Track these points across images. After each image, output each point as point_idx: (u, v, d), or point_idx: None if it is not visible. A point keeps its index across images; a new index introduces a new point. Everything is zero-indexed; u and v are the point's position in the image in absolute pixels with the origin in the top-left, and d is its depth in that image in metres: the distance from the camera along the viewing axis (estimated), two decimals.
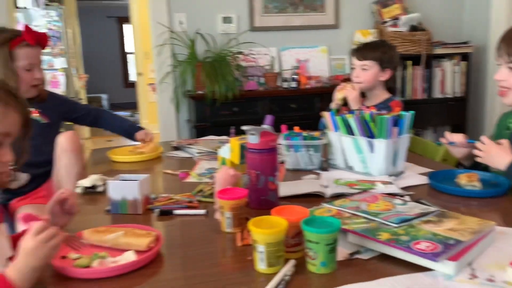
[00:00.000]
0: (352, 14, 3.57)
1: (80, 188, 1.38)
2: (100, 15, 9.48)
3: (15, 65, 1.65)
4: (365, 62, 1.97)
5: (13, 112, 0.83)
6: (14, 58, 1.66)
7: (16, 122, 0.84)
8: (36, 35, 1.70)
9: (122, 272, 0.86)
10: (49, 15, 5.05)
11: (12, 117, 0.83)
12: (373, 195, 1.14)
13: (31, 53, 1.69)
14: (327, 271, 0.84)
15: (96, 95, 9.39)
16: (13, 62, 1.65)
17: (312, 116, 3.21)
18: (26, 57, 1.68)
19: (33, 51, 1.70)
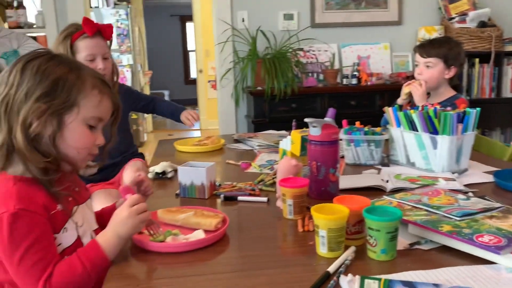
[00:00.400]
0: (416, 10, 3.49)
1: (151, 173, 1.49)
2: (164, 14, 9.84)
3: (77, 57, 1.70)
4: (429, 59, 1.93)
5: (106, 100, 0.92)
6: (75, 51, 1.70)
7: (108, 109, 0.93)
8: (94, 26, 1.71)
9: (192, 248, 0.93)
10: (118, 14, 5.33)
11: (105, 104, 0.92)
12: (435, 189, 1.14)
13: (91, 43, 1.70)
14: (387, 258, 0.86)
15: (159, 91, 9.77)
16: (75, 55, 1.71)
17: (372, 114, 3.18)
18: (85, 48, 1.70)
19: (93, 42, 1.71)
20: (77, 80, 0.87)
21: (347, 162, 1.59)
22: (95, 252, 0.84)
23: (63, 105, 0.85)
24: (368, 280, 0.77)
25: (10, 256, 0.79)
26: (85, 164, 0.95)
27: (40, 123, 0.83)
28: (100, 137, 0.93)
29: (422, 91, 1.91)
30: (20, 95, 0.83)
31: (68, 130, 0.87)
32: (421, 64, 1.97)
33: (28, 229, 0.79)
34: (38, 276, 0.78)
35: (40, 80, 0.83)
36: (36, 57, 0.86)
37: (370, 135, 1.54)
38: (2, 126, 0.83)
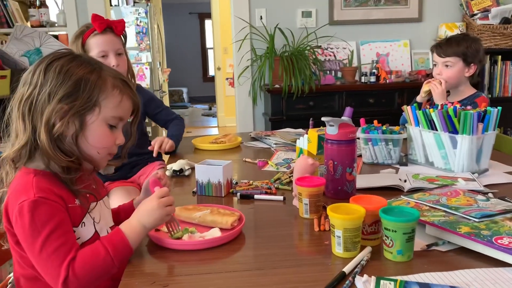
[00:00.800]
0: (437, 7, 3.43)
1: (169, 171, 1.50)
2: (183, 11, 9.91)
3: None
4: (448, 59, 1.90)
5: (127, 99, 0.93)
6: (87, 49, 1.68)
7: (129, 108, 0.95)
8: (103, 22, 1.67)
9: (208, 246, 0.94)
10: (137, 12, 5.38)
11: (126, 103, 0.93)
12: (455, 190, 1.12)
13: (101, 39, 1.67)
14: (403, 259, 0.85)
15: (177, 88, 9.86)
16: (87, 54, 1.67)
17: (391, 112, 3.15)
18: (97, 45, 1.66)
19: (104, 38, 1.67)
20: (98, 81, 0.88)
21: (364, 161, 1.58)
22: (118, 238, 0.85)
23: (85, 106, 0.86)
24: (383, 281, 0.76)
25: (32, 243, 0.80)
26: (106, 163, 0.96)
27: (63, 124, 0.85)
28: (120, 136, 0.94)
29: (442, 90, 1.88)
30: (44, 96, 0.85)
31: (90, 130, 0.88)
32: (439, 64, 1.93)
33: (48, 216, 0.81)
34: (61, 260, 0.79)
35: (63, 81, 0.85)
36: (58, 57, 0.88)
37: (388, 134, 1.53)
38: (27, 126, 0.85)
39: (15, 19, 3.25)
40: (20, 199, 0.81)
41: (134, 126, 1.01)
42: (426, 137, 1.47)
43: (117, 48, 1.71)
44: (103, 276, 0.83)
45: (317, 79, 3.13)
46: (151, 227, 0.90)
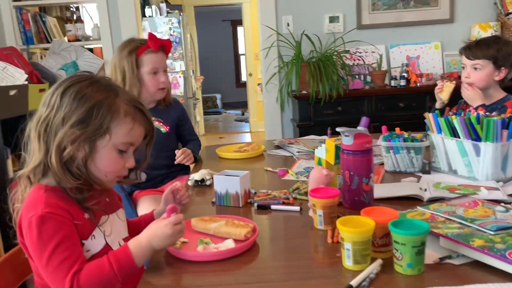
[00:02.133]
0: (469, 7, 3.34)
1: (190, 181, 1.54)
2: (216, 19, 10.05)
3: (141, 71, 1.82)
4: (477, 61, 1.85)
5: (138, 126, 0.97)
6: (140, 64, 1.80)
7: (140, 134, 0.99)
8: (159, 42, 1.82)
9: (221, 257, 0.96)
10: (170, 22, 5.52)
11: (137, 130, 0.97)
12: (473, 200, 1.10)
13: (155, 58, 1.82)
14: (413, 272, 0.85)
15: (211, 95, 10.01)
16: (139, 69, 1.81)
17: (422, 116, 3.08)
18: (150, 62, 1.81)
19: (157, 57, 1.82)
20: (111, 108, 0.92)
21: (386, 170, 1.57)
22: (124, 255, 0.88)
23: (96, 132, 0.90)
24: None
25: (39, 256, 0.85)
26: (113, 185, 1.00)
27: (73, 148, 0.89)
28: (130, 161, 0.98)
29: (473, 93, 1.83)
30: (58, 119, 0.89)
31: (99, 154, 0.92)
32: (468, 67, 1.89)
33: (54, 230, 0.85)
34: (66, 273, 0.83)
35: (77, 107, 0.89)
36: (77, 82, 0.92)
37: (409, 142, 1.51)
38: (41, 146, 0.90)
39: (53, 35, 3.41)
40: (29, 214, 0.86)
41: (149, 149, 1.05)
42: (449, 145, 1.45)
43: (165, 66, 1.88)
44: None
45: (345, 84, 3.11)
46: (159, 249, 0.92)
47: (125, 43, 1.85)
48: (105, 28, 3.37)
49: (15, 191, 0.95)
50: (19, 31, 3.33)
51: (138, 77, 1.81)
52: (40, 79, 2.79)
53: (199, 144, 2.06)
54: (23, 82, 2.45)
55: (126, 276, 0.87)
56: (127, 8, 3.36)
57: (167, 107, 1.96)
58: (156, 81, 1.84)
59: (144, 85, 1.83)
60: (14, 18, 3.31)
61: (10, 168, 2.35)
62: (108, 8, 3.34)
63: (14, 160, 2.40)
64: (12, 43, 3.28)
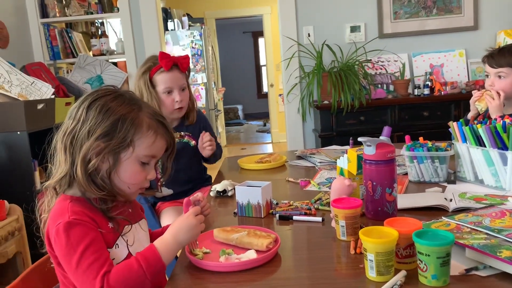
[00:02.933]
0: (494, 13, 3.29)
1: (213, 192, 1.55)
2: (237, 31, 10.16)
3: (157, 90, 1.79)
4: (501, 69, 1.81)
5: (160, 139, 1.00)
6: (154, 84, 1.79)
7: (162, 147, 1.01)
8: (170, 60, 1.78)
9: (243, 268, 0.96)
10: (192, 35, 5.61)
11: (159, 143, 1.00)
12: (500, 210, 1.07)
13: (167, 77, 1.78)
14: (438, 284, 0.83)
15: (232, 106, 10.08)
16: (154, 88, 1.79)
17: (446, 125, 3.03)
18: (163, 82, 1.78)
19: (169, 75, 1.78)
20: (134, 121, 0.95)
21: (410, 180, 1.54)
22: (151, 254, 0.90)
23: (119, 145, 0.93)
24: None
25: (69, 261, 0.87)
26: (136, 196, 1.03)
27: (98, 160, 0.92)
28: (152, 172, 1.01)
29: (499, 103, 1.79)
30: (84, 132, 0.92)
31: (123, 166, 0.95)
32: (492, 75, 1.85)
33: (82, 234, 0.88)
34: (95, 274, 0.85)
35: (102, 120, 0.93)
36: (102, 96, 0.95)
37: (433, 151, 1.48)
38: (67, 158, 0.93)
39: (79, 50, 3.51)
40: (57, 222, 0.89)
41: (170, 161, 1.07)
42: (474, 154, 1.42)
43: (181, 83, 1.82)
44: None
45: (367, 94, 3.10)
46: (186, 243, 0.95)
47: (143, 63, 1.86)
48: (128, 42, 3.45)
49: (41, 202, 0.98)
50: (47, 46, 3.45)
51: (155, 97, 1.79)
52: (66, 93, 2.87)
53: (220, 147, 2.03)
54: (50, 96, 2.53)
55: (154, 274, 0.88)
56: (150, 22, 3.44)
57: (191, 123, 1.94)
58: (170, 100, 1.81)
59: (162, 103, 1.82)
60: (42, 34, 3.43)
61: (38, 180, 2.41)
62: (132, 23, 3.43)
63: (41, 171, 2.46)
64: (39, 58, 3.39)
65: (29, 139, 2.32)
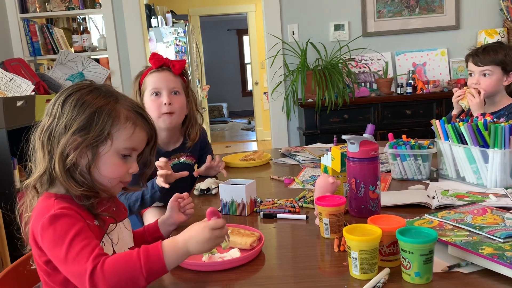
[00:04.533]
0: (475, 13, 3.34)
1: (196, 190, 1.54)
2: (221, 29, 10.12)
3: (145, 95, 1.64)
4: (486, 67, 1.84)
5: (140, 131, 0.96)
6: (143, 89, 1.65)
7: (142, 139, 0.98)
8: (160, 60, 1.64)
9: (227, 267, 0.95)
10: (176, 32, 5.55)
11: (138, 135, 0.96)
12: (482, 207, 1.08)
13: (156, 77, 1.63)
14: (421, 281, 0.83)
15: (217, 104, 10.04)
16: (143, 94, 1.65)
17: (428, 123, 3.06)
18: (151, 82, 1.63)
19: (159, 75, 1.63)
20: (111, 113, 0.92)
21: (393, 177, 1.55)
22: (154, 251, 0.83)
23: (97, 138, 0.90)
24: None
25: (57, 253, 0.83)
26: (118, 191, 1.00)
27: (76, 155, 0.89)
28: (134, 166, 0.97)
29: (480, 100, 1.82)
30: (60, 127, 0.90)
31: (102, 160, 0.92)
32: (476, 73, 1.87)
33: (69, 224, 0.84)
34: (86, 258, 0.80)
35: (77, 114, 0.90)
36: (77, 90, 0.93)
37: (416, 149, 1.49)
38: (45, 155, 0.91)
39: (60, 46, 3.45)
40: (42, 218, 0.85)
41: (153, 155, 1.04)
42: (456, 152, 1.43)
43: (172, 86, 1.63)
44: (129, 284, 0.81)
45: (351, 92, 3.11)
46: (195, 253, 0.87)
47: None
48: (111, 39, 3.40)
49: (22, 202, 0.95)
50: (27, 42, 3.37)
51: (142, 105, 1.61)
52: (47, 90, 2.82)
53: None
54: (30, 93, 2.48)
55: (152, 272, 0.82)
56: (133, 18, 3.39)
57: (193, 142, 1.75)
58: (157, 103, 1.61)
59: (148, 109, 1.58)
60: (22, 29, 3.35)
61: (17, 178, 2.36)
62: (114, 19, 3.38)
63: (21, 170, 2.41)
64: (19, 54, 3.32)
65: (8, 137, 2.26)
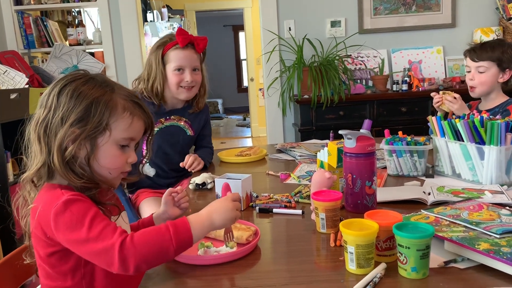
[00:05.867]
0: (471, 12, 3.34)
1: (192, 185, 1.53)
2: (217, 24, 10.07)
3: (167, 68, 1.75)
4: (482, 63, 1.84)
5: (137, 120, 0.95)
6: (166, 61, 1.75)
7: (140, 129, 0.97)
8: (187, 37, 1.73)
9: (222, 261, 0.95)
10: (172, 27, 5.52)
11: (136, 124, 0.95)
12: (478, 203, 1.08)
13: (181, 55, 1.73)
14: (418, 276, 0.83)
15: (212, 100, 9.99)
16: (165, 65, 1.75)
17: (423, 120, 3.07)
18: (175, 59, 1.73)
19: (184, 53, 1.73)
20: (108, 104, 0.91)
21: (389, 173, 1.55)
22: (181, 222, 0.86)
23: (95, 129, 0.89)
24: None
25: (78, 234, 0.81)
26: (119, 182, 0.98)
27: (74, 147, 0.88)
28: (133, 155, 0.97)
29: (459, 105, 1.81)
30: (57, 119, 0.88)
31: (101, 151, 0.91)
32: (472, 69, 1.88)
33: (85, 208, 0.83)
34: (112, 233, 0.80)
35: (74, 106, 0.88)
36: (72, 80, 0.91)
37: (412, 145, 1.49)
38: (42, 147, 0.89)
39: (54, 39, 3.41)
40: (52, 206, 0.83)
41: (150, 143, 1.03)
42: (452, 148, 1.43)
43: (194, 64, 1.77)
44: (159, 255, 0.83)
45: (347, 89, 3.11)
46: (219, 225, 0.91)
47: (160, 38, 1.81)
48: (106, 32, 3.37)
49: (18, 196, 0.94)
50: (21, 35, 3.34)
51: (163, 74, 1.75)
52: (41, 83, 2.79)
53: (212, 153, 1.98)
54: (24, 86, 2.45)
55: (181, 243, 0.84)
56: (128, 12, 3.37)
57: (197, 111, 1.89)
58: (179, 78, 1.75)
59: (167, 82, 1.76)
60: (16, 22, 3.32)
61: (11, 171, 2.34)
62: (110, 13, 3.35)
63: (14, 163, 2.39)
64: (13, 47, 3.28)
65: (1, 130, 2.24)
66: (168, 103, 1.83)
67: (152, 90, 1.76)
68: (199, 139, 1.97)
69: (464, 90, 2.00)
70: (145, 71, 1.79)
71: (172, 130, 1.84)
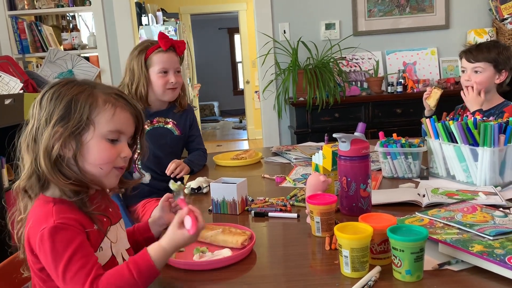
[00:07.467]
0: (465, 13, 3.36)
1: (187, 189, 1.53)
2: (212, 27, 10.07)
3: (150, 71, 1.80)
4: (478, 64, 1.85)
5: (121, 111, 0.93)
6: (149, 64, 1.80)
7: (126, 121, 0.95)
8: (169, 41, 1.80)
9: (217, 266, 0.95)
10: (167, 31, 5.52)
11: (120, 115, 0.93)
12: (472, 205, 1.09)
13: (164, 57, 1.79)
14: (412, 279, 0.83)
15: (208, 103, 10.00)
16: (148, 68, 1.80)
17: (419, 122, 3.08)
18: (159, 61, 1.79)
19: (166, 56, 1.80)
20: (88, 99, 0.90)
21: (384, 175, 1.56)
22: (143, 259, 0.85)
23: (78, 125, 0.89)
24: None
25: (55, 268, 0.82)
26: (113, 180, 0.96)
27: (59, 144, 0.88)
28: (125, 149, 0.95)
29: (472, 97, 1.83)
30: (41, 124, 0.89)
31: (88, 148, 0.90)
32: (468, 70, 1.89)
33: (68, 240, 0.83)
34: (84, 280, 0.81)
35: (55, 106, 0.89)
36: (51, 86, 0.92)
37: (407, 148, 1.50)
38: (31, 154, 0.89)
39: (49, 43, 3.41)
40: (40, 227, 0.84)
41: (142, 138, 1.02)
42: (446, 150, 1.44)
43: (176, 66, 1.84)
44: None
45: (342, 91, 3.12)
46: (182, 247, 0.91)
47: (138, 44, 1.87)
48: (101, 37, 3.37)
49: (14, 209, 0.94)
50: (15, 40, 3.33)
51: (147, 78, 1.80)
52: (35, 88, 2.78)
53: (204, 156, 2.00)
54: (19, 91, 2.44)
55: (147, 280, 0.84)
56: (123, 16, 3.37)
57: (181, 111, 1.94)
58: (164, 80, 1.81)
59: (152, 85, 1.82)
60: (10, 27, 3.31)
61: (5, 177, 2.33)
62: (104, 17, 3.35)
63: (9, 169, 2.38)
64: (7, 52, 3.27)
65: None
66: (152, 106, 1.88)
67: (136, 94, 1.80)
68: (189, 141, 2.00)
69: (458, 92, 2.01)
70: (126, 77, 1.84)
71: (159, 131, 1.88)
